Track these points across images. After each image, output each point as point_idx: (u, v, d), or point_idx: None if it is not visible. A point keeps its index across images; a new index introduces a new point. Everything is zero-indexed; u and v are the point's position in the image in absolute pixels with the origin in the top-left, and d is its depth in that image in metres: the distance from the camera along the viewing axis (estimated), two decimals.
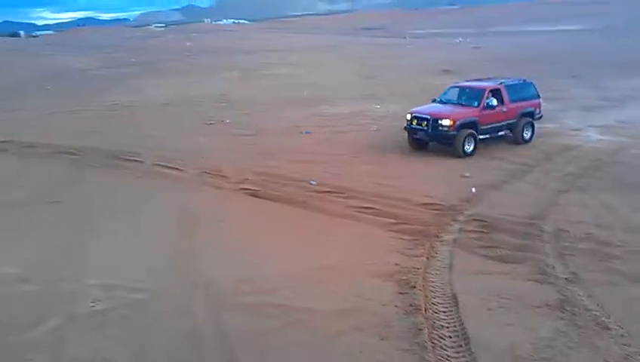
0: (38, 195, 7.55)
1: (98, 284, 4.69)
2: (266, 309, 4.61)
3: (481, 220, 7.20)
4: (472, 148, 12.84)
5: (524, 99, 14.09)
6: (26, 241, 5.80)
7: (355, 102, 16.88)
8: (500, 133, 13.54)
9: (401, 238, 6.56)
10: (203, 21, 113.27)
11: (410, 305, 4.78)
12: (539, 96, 14.50)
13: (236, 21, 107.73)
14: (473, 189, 8.81)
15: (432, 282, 5.30)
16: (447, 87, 14.41)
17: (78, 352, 3.81)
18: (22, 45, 52.41)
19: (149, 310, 4.45)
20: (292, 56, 32.05)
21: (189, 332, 4.18)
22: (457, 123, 12.59)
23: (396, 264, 5.71)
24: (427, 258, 5.94)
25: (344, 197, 8.44)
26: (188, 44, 43.43)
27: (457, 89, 14.12)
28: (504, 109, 13.42)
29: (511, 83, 14.52)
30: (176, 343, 4.04)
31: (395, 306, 4.76)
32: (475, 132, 12.88)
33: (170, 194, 8.43)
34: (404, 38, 47.95)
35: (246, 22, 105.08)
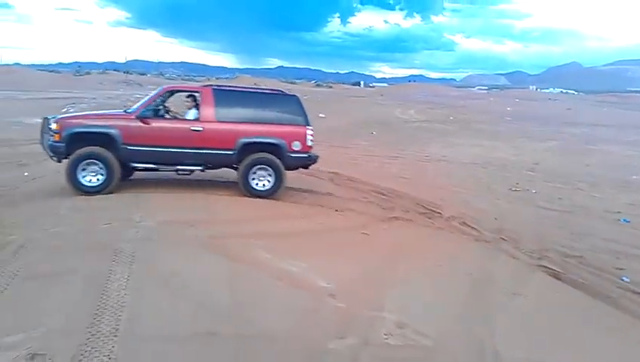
0: (354, 226, 8.54)
1: (392, 319, 4.98)
2: None
3: None
4: (98, 182, 8.53)
5: (266, 122, 9.09)
6: (339, 262, 6.58)
7: None
8: (183, 167, 9.02)
9: None
10: (528, 87, 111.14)
11: None
12: (305, 123, 9.27)
13: (564, 91, 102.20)
14: None
15: None
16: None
17: None
18: (360, 93, 60.74)
19: (433, 359, 4.52)
20: (624, 134, 28.58)
21: None
22: (65, 131, 8.39)
23: None
24: None
25: None
26: (508, 108, 43.15)
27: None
28: (198, 128, 8.77)
29: (233, 89, 9.76)
30: None
31: None
32: (106, 153, 8.43)
33: (463, 251, 8.44)
34: None
35: (575, 92, 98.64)
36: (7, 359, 3.80)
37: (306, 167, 9.97)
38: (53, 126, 8.56)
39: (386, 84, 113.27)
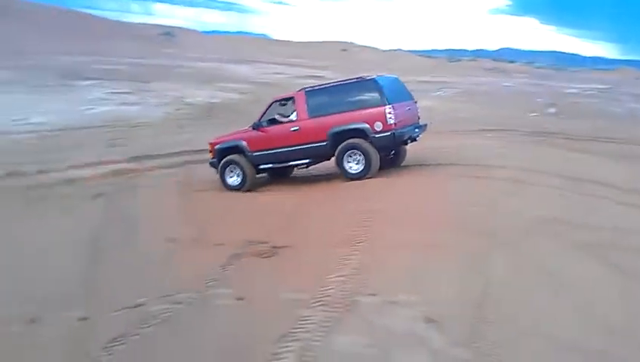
0: None
1: None
2: None
3: None
4: (239, 181, 10.38)
5: (349, 109, 9.48)
6: None
7: None
8: (293, 163, 10.26)
9: None
10: None
11: None
12: (385, 102, 9.21)
13: None
14: None
15: None
16: None
17: None
18: None
19: None
20: None
21: None
22: (216, 148, 10.69)
23: None
24: None
25: None
26: None
27: None
28: (296, 127, 9.85)
29: (321, 87, 10.37)
30: None
31: None
32: (239, 159, 10.32)
33: None
34: None
35: None
36: (405, 315, 4.17)
37: (403, 144, 10.06)
38: (208, 147, 10.96)
39: None
